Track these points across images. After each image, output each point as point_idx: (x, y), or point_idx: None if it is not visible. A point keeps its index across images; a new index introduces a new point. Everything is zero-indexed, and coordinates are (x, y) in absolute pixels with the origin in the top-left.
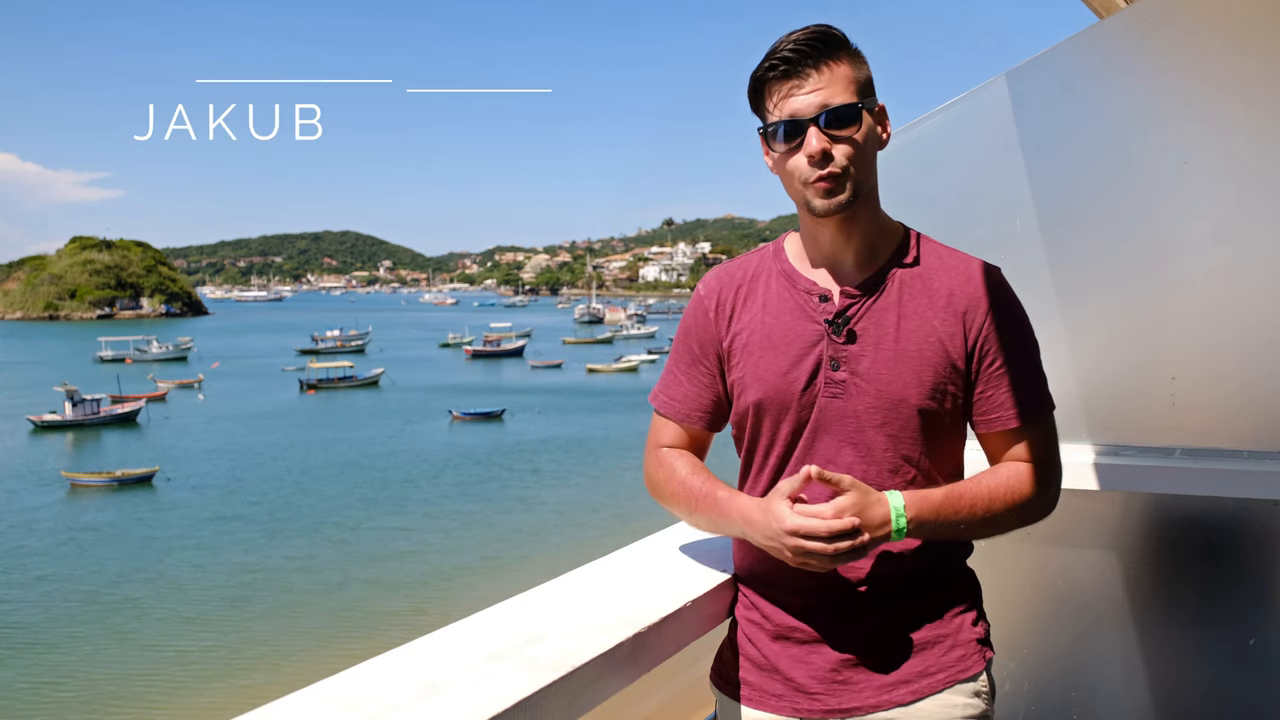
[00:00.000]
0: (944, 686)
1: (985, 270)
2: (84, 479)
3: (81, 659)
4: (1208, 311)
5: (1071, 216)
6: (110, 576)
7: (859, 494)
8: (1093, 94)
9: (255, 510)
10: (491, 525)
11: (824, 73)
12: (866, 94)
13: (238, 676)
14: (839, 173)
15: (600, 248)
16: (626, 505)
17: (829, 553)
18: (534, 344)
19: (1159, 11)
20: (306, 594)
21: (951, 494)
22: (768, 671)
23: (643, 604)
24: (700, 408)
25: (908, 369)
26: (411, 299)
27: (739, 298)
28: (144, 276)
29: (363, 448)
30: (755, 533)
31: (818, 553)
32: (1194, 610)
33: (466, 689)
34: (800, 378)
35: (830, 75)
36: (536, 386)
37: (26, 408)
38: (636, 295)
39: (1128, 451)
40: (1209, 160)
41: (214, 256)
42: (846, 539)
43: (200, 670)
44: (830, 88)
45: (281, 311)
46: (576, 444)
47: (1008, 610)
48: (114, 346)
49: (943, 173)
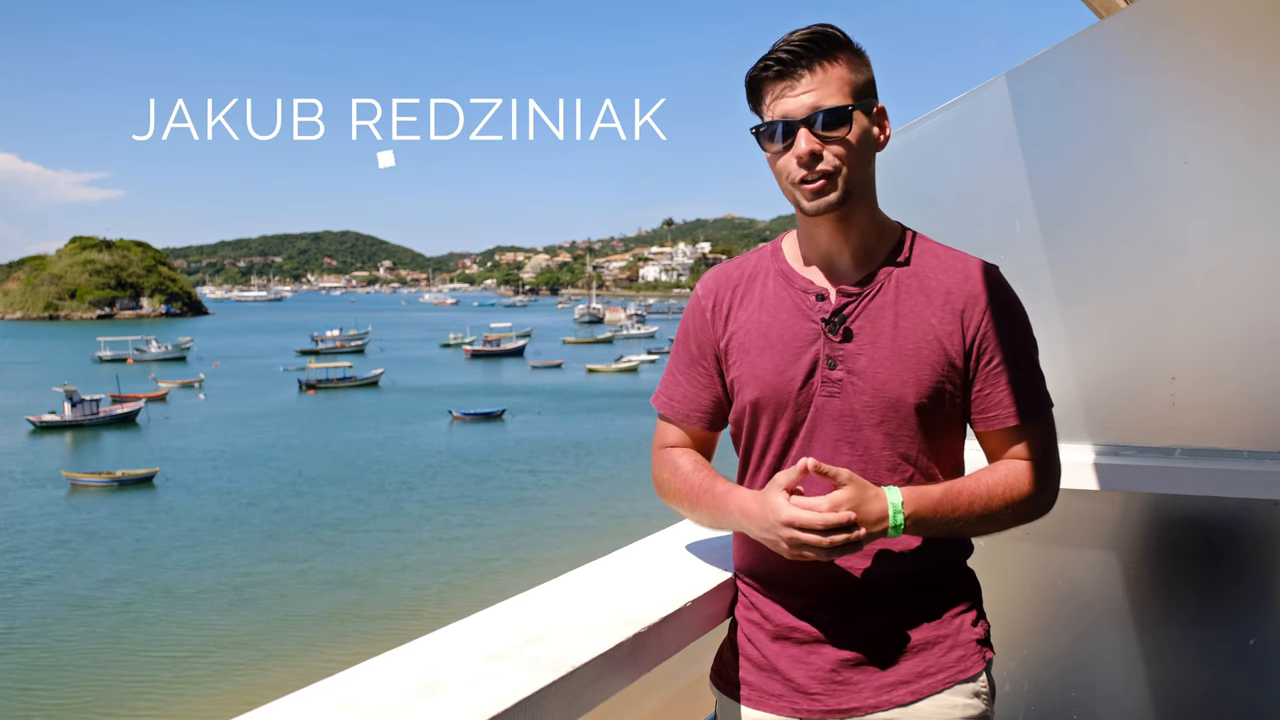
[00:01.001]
0: (943, 687)
1: (983, 269)
2: (84, 479)
3: (82, 659)
4: (1208, 311)
5: (1071, 216)
6: (110, 577)
7: (856, 488)
8: (1093, 94)
9: (254, 511)
10: (491, 526)
11: (817, 74)
12: (864, 95)
13: (237, 676)
14: (829, 173)
15: (600, 248)
16: (626, 506)
17: (824, 545)
18: (534, 344)
19: (1159, 11)
20: (306, 594)
21: (950, 491)
22: (767, 671)
23: (643, 604)
24: (700, 408)
25: (905, 367)
26: (411, 299)
27: (735, 297)
28: (144, 276)
29: (362, 448)
30: (752, 524)
31: (813, 545)
32: (1194, 610)
33: (466, 689)
34: (797, 376)
35: (824, 76)
36: (537, 387)
37: (26, 408)
38: (636, 295)
39: (1128, 451)
40: (1209, 160)
41: (214, 256)
42: (842, 532)
43: (200, 670)
44: (822, 89)
45: (281, 311)
46: (576, 444)
47: (1008, 610)
48: (113, 346)
49: (943, 173)
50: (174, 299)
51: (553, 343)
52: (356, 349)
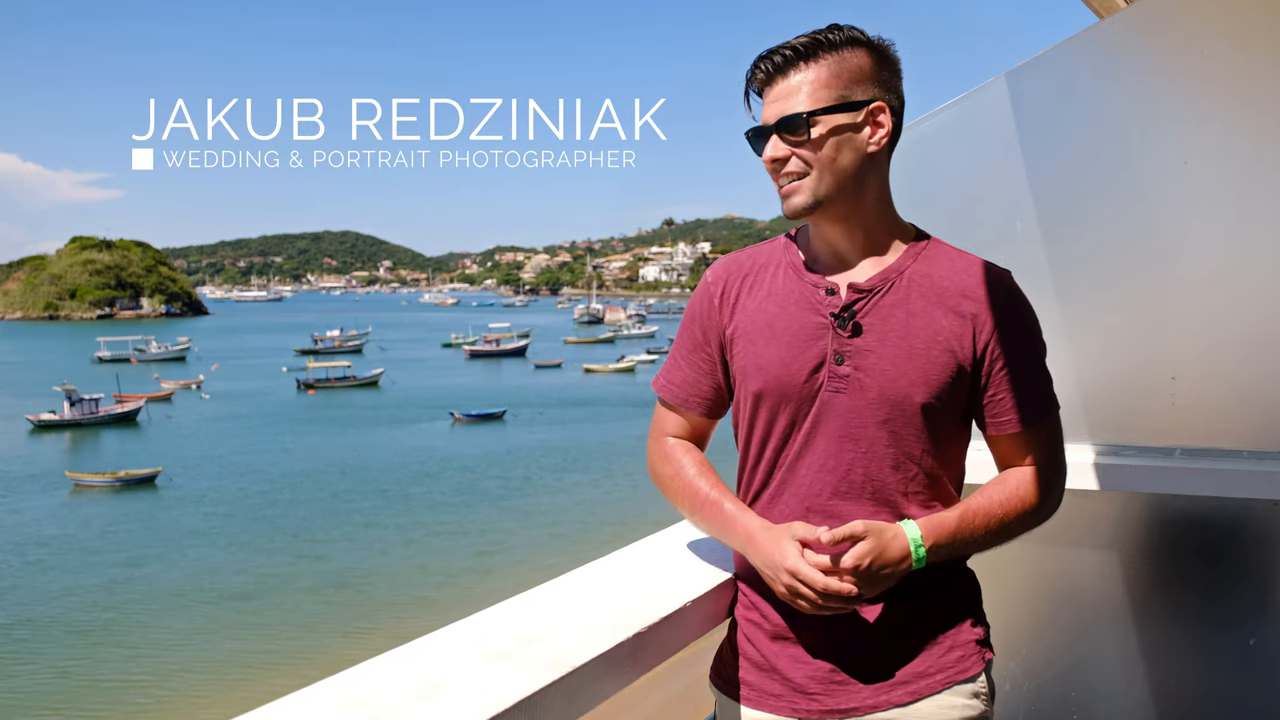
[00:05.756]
0: (942, 687)
1: (996, 273)
2: (88, 479)
3: (82, 659)
4: (1208, 311)
5: (1071, 216)
6: (109, 577)
7: (874, 539)
8: (1093, 94)
9: (254, 511)
10: (492, 526)
11: (791, 78)
12: (845, 96)
13: (236, 676)
14: (795, 176)
15: (600, 248)
16: (626, 506)
17: (817, 604)
18: (533, 344)
19: (1159, 11)
20: (305, 594)
21: (965, 514)
22: (767, 671)
23: (643, 604)
24: (699, 393)
25: (914, 367)
26: (412, 299)
27: (745, 286)
28: (144, 276)
29: (361, 449)
30: (755, 555)
31: (808, 599)
32: (1194, 610)
33: (466, 689)
34: (803, 369)
35: (797, 81)
36: (537, 386)
37: (25, 407)
38: (636, 295)
39: (1128, 451)
40: (1209, 160)
41: (214, 256)
42: (837, 601)
43: (199, 670)
44: (790, 96)
45: (281, 311)
46: (575, 445)
47: (1008, 610)
48: (112, 347)
49: (943, 173)
50: (174, 299)
51: (553, 343)
52: (356, 349)
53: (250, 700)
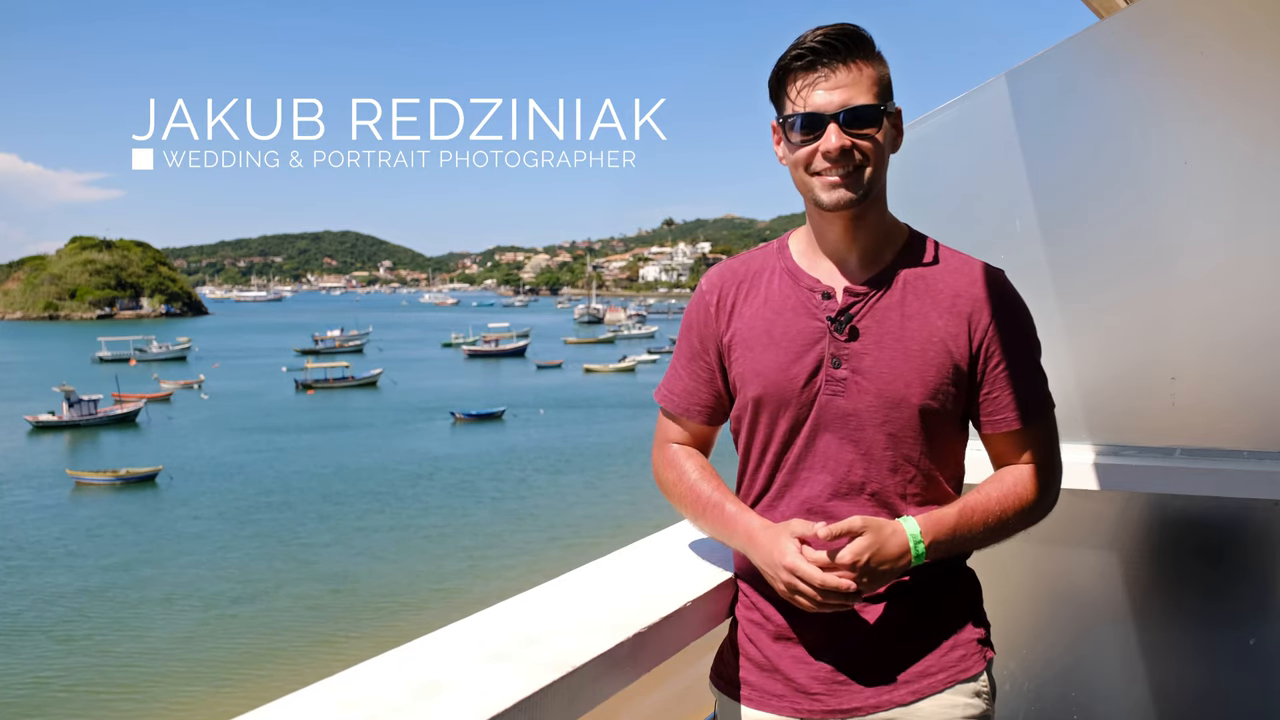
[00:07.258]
0: (944, 687)
1: (990, 273)
2: (89, 477)
3: (82, 659)
4: (1208, 311)
5: (1071, 216)
6: (110, 576)
7: (873, 534)
8: (1093, 94)
9: (252, 512)
10: (492, 526)
11: (850, 70)
12: (886, 97)
13: (236, 676)
14: (854, 170)
15: (600, 248)
16: (626, 507)
17: (816, 600)
18: (533, 344)
19: (1159, 11)
20: (305, 594)
21: (964, 511)
22: (768, 671)
23: (643, 604)
24: (700, 402)
25: (910, 368)
26: (412, 299)
27: (740, 293)
28: (144, 276)
29: (361, 449)
30: (755, 554)
31: (807, 596)
32: (1194, 610)
33: (466, 689)
34: (801, 374)
35: (856, 74)
36: (537, 386)
37: (25, 408)
38: (636, 295)
39: (1128, 451)
40: (1209, 160)
41: (214, 256)
42: (836, 597)
43: (199, 670)
44: (854, 86)
45: (281, 311)
46: (575, 444)
47: (1008, 610)
48: (113, 347)
49: (943, 173)
50: (174, 299)
51: (553, 343)
52: (356, 349)
53: (250, 700)
